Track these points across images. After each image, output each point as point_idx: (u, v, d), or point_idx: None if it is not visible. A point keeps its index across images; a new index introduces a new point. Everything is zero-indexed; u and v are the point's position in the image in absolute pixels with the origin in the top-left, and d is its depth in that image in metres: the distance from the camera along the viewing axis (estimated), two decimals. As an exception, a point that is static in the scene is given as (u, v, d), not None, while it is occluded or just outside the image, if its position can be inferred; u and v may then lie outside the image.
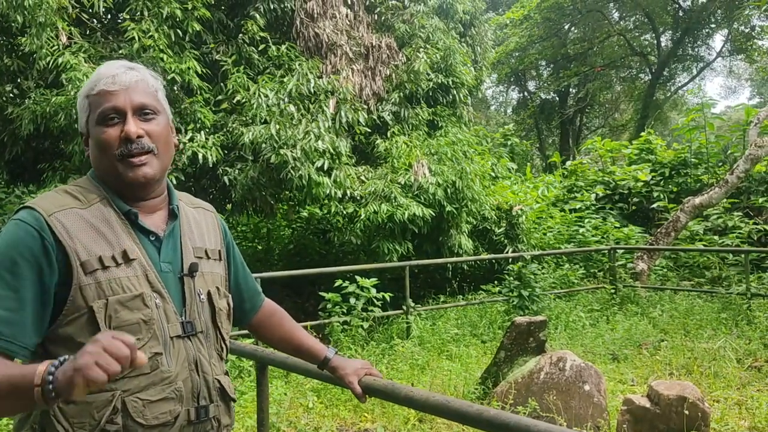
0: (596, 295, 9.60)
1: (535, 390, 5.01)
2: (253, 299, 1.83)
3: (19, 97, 8.38)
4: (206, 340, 1.50)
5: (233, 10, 8.66)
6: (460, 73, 10.10)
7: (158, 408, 1.37)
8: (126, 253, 1.37)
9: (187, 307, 1.47)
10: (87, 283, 1.31)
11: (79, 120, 1.50)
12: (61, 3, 7.09)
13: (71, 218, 1.35)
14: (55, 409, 1.29)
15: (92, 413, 1.30)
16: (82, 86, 5.10)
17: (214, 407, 1.49)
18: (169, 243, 1.49)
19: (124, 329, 1.32)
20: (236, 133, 7.66)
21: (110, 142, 1.40)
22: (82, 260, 1.32)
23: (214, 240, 1.63)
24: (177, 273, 1.47)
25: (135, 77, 1.46)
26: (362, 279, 7.41)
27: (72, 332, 1.31)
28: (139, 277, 1.38)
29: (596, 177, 14.59)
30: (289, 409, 5.25)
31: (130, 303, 1.35)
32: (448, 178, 8.72)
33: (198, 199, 1.72)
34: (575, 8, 25.05)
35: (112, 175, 1.42)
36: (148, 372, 1.36)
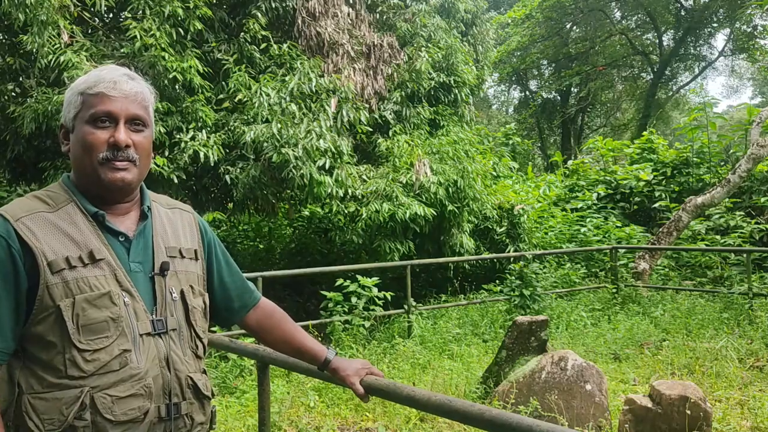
0: (598, 294, 9.59)
1: (536, 390, 5.00)
2: (242, 298, 1.82)
3: (20, 95, 8.37)
4: (179, 338, 1.52)
5: (235, 8, 8.65)
6: (461, 72, 10.09)
7: (127, 404, 1.38)
8: (92, 254, 1.40)
9: (158, 306, 1.48)
10: (54, 282, 1.34)
11: (63, 111, 1.51)
12: (62, 1, 7.08)
13: (38, 221, 1.38)
14: (27, 405, 1.33)
15: (61, 409, 1.32)
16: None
17: (186, 404, 1.50)
18: (140, 243, 1.51)
19: (91, 327, 1.36)
20: (238, 132, 7.66)
21: (97, 145, 1.43)
22: (49, 260, 1.35)
23: (191, 240, 1.64)
24: (148, 272, 1.50)
25: (135, 88, 1.49)
26: (364, 278, 7.41)
27: (42, 331, 1.34)
28: (107, 276, 1.40)
29: (598, 176, 14.59)
30: (290, 408, 5.25)
31: (97, 301, 1.37)
32: (449, 177, 8.72)
33: (175, 200, 1.74)
34: (577, 7, 25.03)
35: (89, 176, 1.45)
36: (116, 369, 1.37)
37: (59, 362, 1.34)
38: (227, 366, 6.26)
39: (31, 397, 1.33)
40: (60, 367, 1.33)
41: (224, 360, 6.34)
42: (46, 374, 1.34)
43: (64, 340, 1.34)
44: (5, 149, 8.82)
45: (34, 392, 1.34)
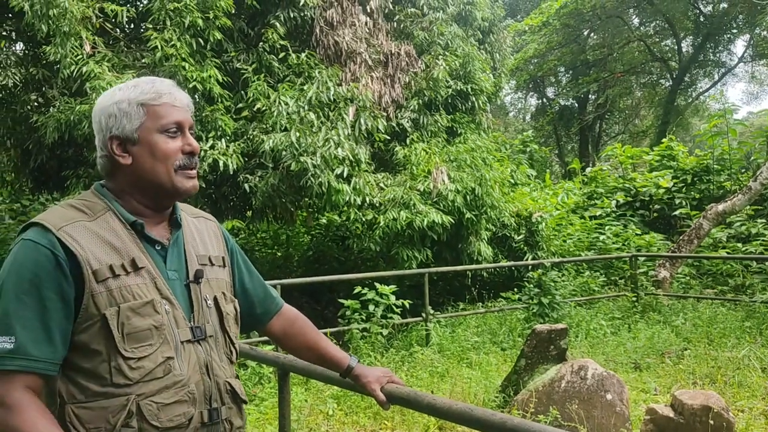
0: (617, 303, 9.51)
1: (556, 399, 4.97)
2: (265, 304, 1.84)
3: (43, 105, 8.51)
4: (216, 344, 1.54)
5: (254, 18, 8.73)
6: (479, 79, 10.09)
7: (172, 411, 1.40)
8: (134, 262, 1.41)
9: (195, 313, 1.51)
10: (99, 291, 1.35)
11: (117, 123, 1.49)
12: (85, 13, 7.20)
13: (79, 230, 1.38)
14: (71, 415, 1.33)
15: (107, 418, 1.33)
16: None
17: (226, 409, 1.53)
18: (174, 252, 1.53)
19: (136, 335, 1.37)
20: (257, 141, 7.72)
21: (172, 153, 1.47)
22: (94, 269, 1.36)
23: (217, 247, 1.67)
24: (183, 280, 1.52)
25: (187, 99, 1.56)
26: (381, 286, 7.41)
27: (86, 340, 1.35)
28: (148, 284, 1.42)
29: (617, 184, 14.49)
30: (309, 416, 5.26)
31: (141, 309, 1.38)
32: (467, 184, 8.71)
33: (198, 209, 1.77)
34: (594, 14, 24.90)
35: (162, 185, 1.48)
36: (160, 376, 1.39)
37: (104, 370, 1.34)
38: (246, 373, 6.29)
39: (75, 407, 1.34)
40: (105, 376, 1.34)
41: (243, 367, 6.37)
42: (89, 383, 1.35)
43: (110, 349, 1.35)
44: (28, 158, 8.97)
45: (78, 402, 1.34)
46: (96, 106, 1.54)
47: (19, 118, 8.58)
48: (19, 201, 11.56)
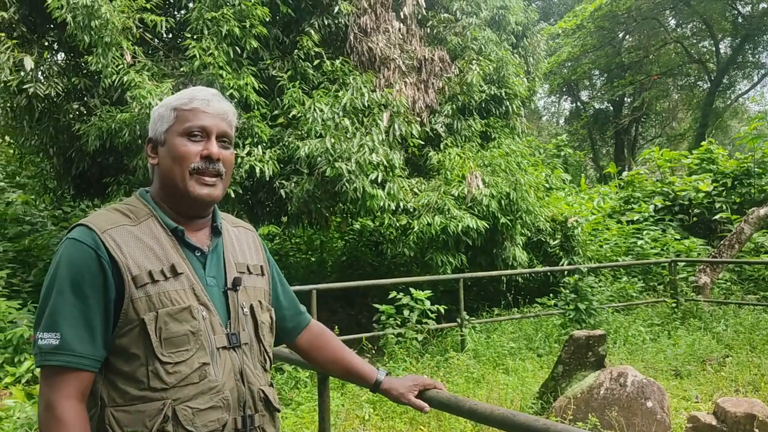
0: (656, 309, 9.35)
1: (595, 406, 4.91)
2: (295, 318, 1.86)
3: (85, 114, 8.72)
4: (250, 352, 1.56)
5: (289, 26, 8.83)
6: (512, 84, 10.04)
7: (207, 416, 1.42)
8: (174, 268, 1.44)
9: (232, 320, 1.52)
10: (138, 296, 1.38)
11: (153, 126, 1.56)
12: (125, 24, 7.36)
13: (122, 234, 1.42)
14: (110, 417, 1.36)
15: (144, 422, 1.35)
16: (146, 103, 5.30)
17: (259, 417, 1.54)
18: (213, 258, 1.55)
19: (173, 340, 1.39)
20: (292, 147, 7.79)
21: (189, 156, 1.49)
22: (134, 274, 1.39)
23: (256, 256, 1.69)
24: (221, 287, 1.54)
25: (225, 107, 1.56)
26: (416, 291, 7.42)
27: (126, 344, 1.38)
28: (186, 290, 1.44)
29: (654, 188, 14.26)
30: (345, 421, 5.28)
31: (178, 315, 1.41)
32: (502, 189, 8.67)
33: (238, 219, 1.79)
34: (630, 16, 24.58)
35: (177, 188, 1.50)
36: (196, 381, 1.41)
37: (142, 374, 1.37)
38: (282, 378, 6.35)
39: (114, 410, 1.36)
40: (143, 379, 1.37)
41: (279, 372, 6.43)
42: (128, 387, 1.37)
43: (148, 353, 1.37)
44: (70, 166, 9.19)
45: (117, 405, 1.37)
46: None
47: (62, 126, 8.79)
48: (60, 208, 11.84)
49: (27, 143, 9.64)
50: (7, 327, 6.87)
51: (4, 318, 6.89)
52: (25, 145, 10.03)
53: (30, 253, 9.79)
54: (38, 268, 9.40)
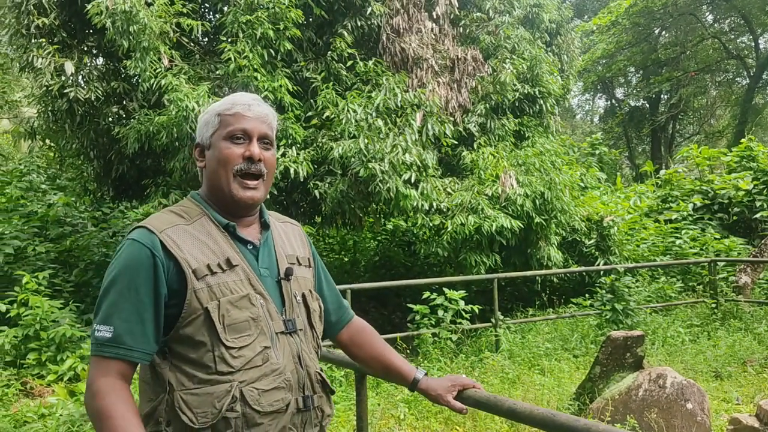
0: (696, 309, 9.18)
1: (633, 407, 4.85)
2: (338, 312, 1.91)
3: (124, 117, 8.90)
4: (305, 337, 1.65)
5: (322, 28, 8.88)
6: (546, 82, 9.93)
7: (272, 396, 1.50)
8: (229, 260, 1.53)
9: (287, 307, 1.61)
10: (200, 287, 1.47)
11: (199, 131, 1.67)
12: (163, 28, 7.50)
13: (179, 233, 1.51)
14: (179, 401, 1.43)
15: (213, 403, 1.43)
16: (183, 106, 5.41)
17: (317, 397, 1.63)
18: (265, 251, 1.65)
19: (235, 326, 1.48)
20: (326, 148, 7.84)
21: (233, 158, 1.58)
22: (194, 268, 1.48)
23: (302, 249, 1.78)
24: (274, 277, 1.63)
25: (265, 111, 1.65)
26: (450, 291, 7.40)
27: (191, 332, 1.46)
28: (242, 280, 1.53)
29: (693, 186, 13.97)
30: (380, 420, 5.30)
31: (238, 303, 1.50)
32: (536, 189, 8.59)
33: (283, 215, 1.88)
34: (666, 12, 24.16)
35: (222, 189, 1.59)
36: (259, 364, 1.50)
37: (209, 359, 1.45)
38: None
39: (183, 394, 1.44)
40: (210, 364, 1.45)
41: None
42: (196, 371, 1.45)
43: (213, 339, 1.46)
44: (110, 168, 9.39)
45: (186, 389, 1.44)
46: None
47: (102, 130, 8.99)
48: (100, 209, 12.09)
49: (68, 146, 9.88)
50: (49, 326, 7.04)
51: (46, 317, 7.06)
52: (65, 148, 10.28)
53: (71, 253, 10.02)
54: (79, 269, 9.61)
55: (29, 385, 6.52)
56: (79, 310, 8.28)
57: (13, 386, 6.31)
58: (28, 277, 7.37)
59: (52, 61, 7.91)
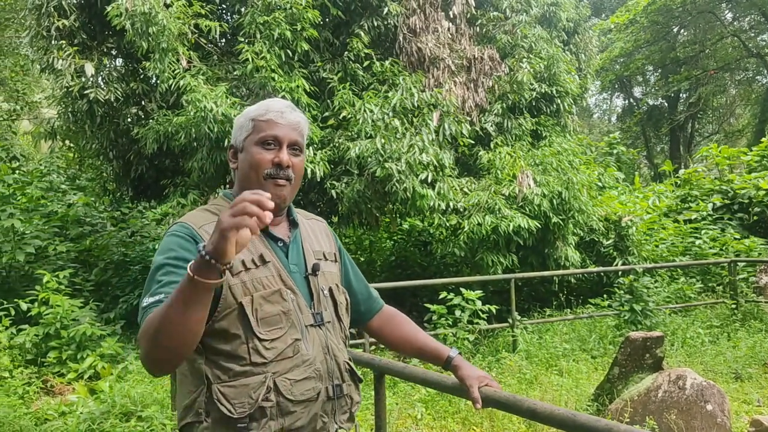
0: (715, 310, 9.09)
1: (652, 409, 4.81)
2: (368, 302, 2.00)
3: (143, 118, 8.97)
4: (333, 329, 1.72)
5: (339, 28, 8.90)
6: (564, 81, 9.88)
7: (303, 386, 1.58)
8: (262, 257, 1.61)
9: (315, 301, 1.69)
10: (234, 283, 1.54)
11: (234, 134, 1.74)
12: (181, 29, 7.55)
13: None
14: (217, 393, 1.51)
15: (249, 393, 1.52)
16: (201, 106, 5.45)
17: (346, 386, 1.71)
18: (294, 248, 1.73)
19: (268, 320, 1.56)
20: (342, 148, 7.86)
21: (263, 163, 1.65)
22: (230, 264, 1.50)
23: (328, 245, 1.86)
24: (303, 273, 1.71)
25: (297, 118, 1.71)
26: (467, 291, 7.38)
27: (226, 326, 1.53)
28: (274, 276, 1.61)
29: (713, 186, 13.82)
30: (398, 419, 5.30)
31: (270, 297, 1.58)
32: (553, 188, 8.54)
33: (310, 213, 1.96)
34: (685, 10, 23.92)
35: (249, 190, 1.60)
36: (291, 356, 1.58)
37: (243, 351, 1.53)
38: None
39: (220, 386, 1.52)
40: (244, 356, 1.53)
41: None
42: (230, 364, 1.53)
43: (247, 332, 1.53)
44: (129, 168, 9.48)
45: (222, 381, 1.52)
46: None
47: (121, 130, 9.07)
48: (119, 209, 12.22)
49: (87, 146, 9.98)
50: (70, 324, 7.13)
51: (67, 316, 7.15)
52: (85, 149, 10.39)
53: (91, 253, 10.14)
54: (99, 268, 9.72)
55: (50, 383, 6.60)
56: (99, 308, 8.38)
57: (34, 384, 6.39)
58: (48, 276, 7.46)
59: (73, 62, 8.00)
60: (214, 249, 1.24)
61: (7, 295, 7.95)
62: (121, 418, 5.23)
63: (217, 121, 7.16)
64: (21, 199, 9.98)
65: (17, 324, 7.36)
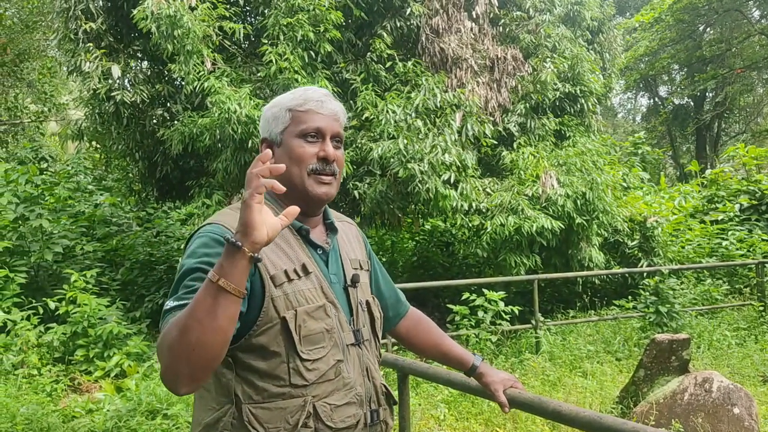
0: (742, 312, 8.95)
1: (678, 412, 4.75)
2: (396, 307, 1.89)
3: (168, 120, 9.08)
4: (370, 348, 1.59)
5: (361, 29, 8.93)
6: (588, 81, 9.79)
7: (344, 412, 1.46)
8: (305, 267, 1.47)
9: (354, 317, 1.56)
10: (277, 295, 1.41)
11: (268, 126, 1.58)
12: (206, 32, 7.63)
13: None
14: (249, 414, 1.37)
15: (286, 418, 1.38)
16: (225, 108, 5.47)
17: (383, 411, 1.59)
18: (333, 256, 1.58)
19: (311, 338, 1.42)
20: (365, 149, 7.88)
21: (307, 157, 1.51)
22: (271, 274, 1.41)
23: (360, 251, 1.72)
24: (342, 284, 1.57)
25: (337, 108, 1.59)
26: (490, 292, 7.36)
27: (265, 342, 1.40)
28: (317, 288, 1.47)
29: (740, 186, 13.60)
30: (420, 420, 5.30)
31: (314, 313, 1.44)
32: (577, 189, 8.47)
33: (340, 213, 1.80)
34: (711, 8, 23.57)
35: (296, 187, 1.51)
36: (332, 378, 1.44)
37: (283, 371, 1.39)
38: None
39: (252, 407, 1.38)
40: (283, 376, 1.39)
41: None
42: (266, 384, 1.39)
43: (289, 350, 1.40)
44: (154, 169, 9.60)
45: (254, 402, 1.38)
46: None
47: (147, 132, 9.20)
48: (145, 209, 12.35)
49: (114, 148, 10.13)
50: (96, 323, 7.23)
51: (93, 314, 7.25)
52: (112, 150, 10.54)
53: (117, 252, 10.27)
54: (125, 267, 9.85)
55: (77, 381, 6.71)
56: (125, 307, 8.49)
57: (61, 382, 6.50)
58: (76, 276, 7.58)
59: (100, 65, 8.12)
60: (241, 225, 1.16)
61: (36, 294, 8.09)
62: (147, 415, 5.29)
63: (241, 123, 7.22)
64: (49, 200, 10.14)
65: (45, 322, 7.50)
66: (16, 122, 17.73)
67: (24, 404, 5.47)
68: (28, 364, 6.62)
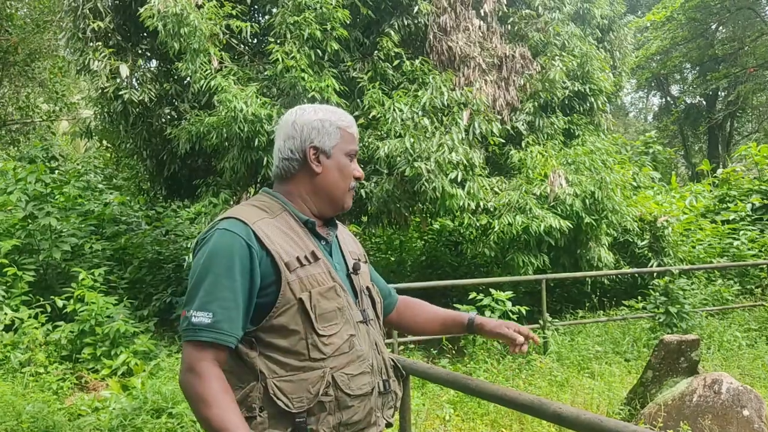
0: (754, 313, 8.85)
1: (687, 413, 4.69)
2: (388, 298, 2.07)
3: (176, 118, 9.09)
4: (375, 326, 1.79)
5: (369, 28, 8.88)
6: (597, 79, 9.71)
7: (360, 380, 1.63)
8: (314, 254, 1.65)
9: (359, 299, 1.75)
10: (292, 279, 1.57)
11: (318, 136, 1.72)
12: (212, 30, 7.62)
13: (268, 226, 1.61)
14: (273, 388, 1.53)
15: (308, 388, 1.54)
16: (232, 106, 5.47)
17: (392, 381, 1.78)
18: (335, 248, 1.79)
19: (325, 316, 1.59)
20: (372, 147, 7.84)
21: (350, 175, 1.76)
22: (286, 261, 1.58)
23: (357, 247, 1.92)
24: (344, 271, 1.76)
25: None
26: (497, 292, 7.31)
27: (284, 321, 1.56)
28: (325, 273, 1.65)
29: (752, 186, 13.47)
30: (425, 421, 5.27)
31: (327, 293, 1.61)
32: (586, 188, 8.40)
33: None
34: (723, 7, 23.36)
35: (335, 198, 1.74)
36: (347, 351, 1.62)
37: (302, 347, 1.56)
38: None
39: (277, 381, 1.54)
40: (303, 351, 1.55)
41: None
42: (288, 359, 1.55)
43: (307, 327, 1.56)
44: (162, 168, 9.61)
45: (278, 376, 1.54)
46: (295, 117, 1.74)
47: (155, 130, 9.20)
48: (153, 208, 12.39)
49: (123, 146, 10.16)
50: (104, 321, 7.25)
51: (101, 313, 7.27)
52: (120, 149, 10.57)
53: (126, 251, 10.30)
54: (133, 266, 9.87)
55: (84, 379, 6.72)
56: (133, 306, 8.51)
57: (68, 380, 6.52)
58: (84, 274, 7.61)
59: (108, 63, 8.13)
60: None
61: (44, 292, 8.13)
62: (152, 414, 5.29)
63: (248, 121, 7.21)
64: (59, 198, 10.18)
65: (53, 320, 7.52)
66: (28, 121, 17.84)
67: (30, 402, 5.48)
68: (36, 362, 6.64)
